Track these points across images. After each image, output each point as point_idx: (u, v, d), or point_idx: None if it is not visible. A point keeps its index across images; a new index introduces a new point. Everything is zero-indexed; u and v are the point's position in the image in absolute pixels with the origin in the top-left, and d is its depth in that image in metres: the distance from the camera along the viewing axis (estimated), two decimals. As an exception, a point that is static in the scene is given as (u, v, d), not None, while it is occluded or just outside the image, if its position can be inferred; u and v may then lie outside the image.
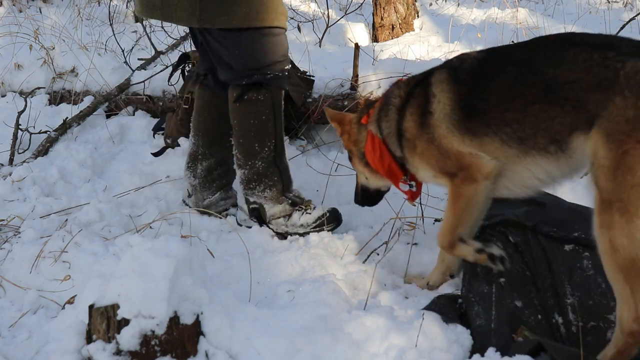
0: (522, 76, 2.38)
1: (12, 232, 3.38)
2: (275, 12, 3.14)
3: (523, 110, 2.37)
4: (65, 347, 2.13)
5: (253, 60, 3.19)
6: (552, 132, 2.32)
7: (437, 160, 2.60)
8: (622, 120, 2.10)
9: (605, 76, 2.16)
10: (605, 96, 2.15)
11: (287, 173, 3.40)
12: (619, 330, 2.16)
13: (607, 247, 2.13)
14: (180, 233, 3.27)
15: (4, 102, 5.50)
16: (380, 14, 7.58)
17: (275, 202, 3.34)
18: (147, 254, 2.11)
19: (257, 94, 3.22)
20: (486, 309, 2.44)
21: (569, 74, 2.25)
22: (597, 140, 2.17)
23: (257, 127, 3.25)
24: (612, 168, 2.12)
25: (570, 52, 2.28)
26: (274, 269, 2.93)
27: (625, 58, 2.16)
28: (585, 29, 6.78)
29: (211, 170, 3.54)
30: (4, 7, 9.74)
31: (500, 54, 2.57)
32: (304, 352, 2.16)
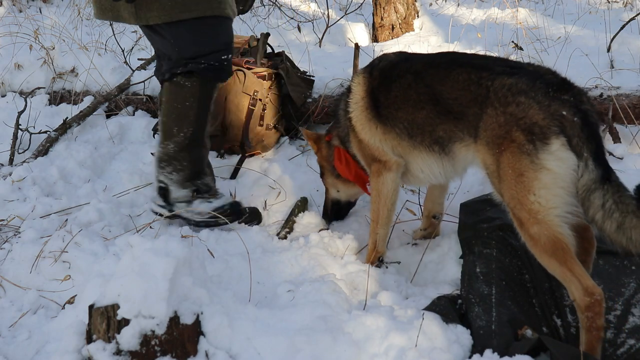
0: (415, 85, 2.76)
1: (12, 232, 3.38)
2: (209, 2, 3.18)
3: (412, 113, 2.76)
4: (65, 347, 2.13)
5: (187, 50, 3.26)
6: (435, 135, 2.70)
7: (360, 147, 3.02)
8: (496, 126, 2.43)
9: (479, 93, 2.52)
10: (480, 110, 2.50)
11: (199, 162, 3.44)
12: (579, 311, 2.27)
13: (529, 240, 2.37)
14: (180, 233, 3.27)
15: (4, 102, 5.50)
16: (380, 14, 7.57)
17: (180, 186, 3.39)
18: (147, 254, 2.11)
19: (185, 80, 3.29)
20: (486, 311, 2.45)
21: (452, 91, 2.62)
22: (483, 151, 2.50)
23: (179, 112, 3.32)
24: (498, 170, 2.43)
25: (454, 71, 2.64)
26: (274, 269, 2.93)
27: (494, 76, 2.51)
28: (585, 29, 6.78)
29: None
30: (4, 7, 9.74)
31: (407, 61, 2.91)
32: (304, 352, 2.16)
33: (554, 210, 2.31)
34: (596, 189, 2.27)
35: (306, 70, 4.89)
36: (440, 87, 2.66)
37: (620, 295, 2.48)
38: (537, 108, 2.37)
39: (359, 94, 2.99)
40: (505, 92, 2.45)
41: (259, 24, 8.40)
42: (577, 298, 2.28)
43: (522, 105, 2.40)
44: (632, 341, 2.32)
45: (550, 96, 2.39)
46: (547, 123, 2.34)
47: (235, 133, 4.33)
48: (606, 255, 2.62)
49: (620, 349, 2.31)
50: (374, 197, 2.99)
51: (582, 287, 2.26)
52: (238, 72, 4.35)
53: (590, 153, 2.29)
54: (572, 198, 2.32)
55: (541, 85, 2.43)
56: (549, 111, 2.36)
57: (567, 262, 2.30)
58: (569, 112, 2.34)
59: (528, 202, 2.33)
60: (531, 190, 2.33)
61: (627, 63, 5.29)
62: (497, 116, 2.43)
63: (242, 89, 4.32)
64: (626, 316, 2.39)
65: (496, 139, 2.43)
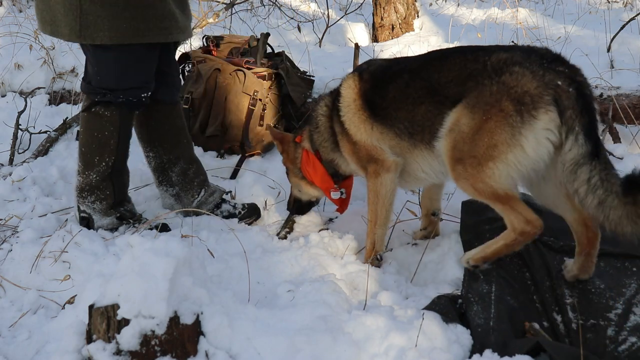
0: (412, 82, 2.78)
1: (11, 231, 3.38)
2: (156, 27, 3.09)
3: (412, 110, 2.77)
4: (65, 347, 2.13)
5: (108, 81, 3.18)
6: (434, 129, 2.68)
7: (354, 150, 3.01)
8: (488, 94, 2.48)
9: (475, 67, 2.57)
10: (475, 82, 2.54)
11: (122, 189, 3.42)
12: (511, 229, 2.54)
13: (472, 191, 2.56)
14: (180, 233, 3.27)
15: (4, 102, 5.50)
16: (380, 14, 7.57)
17: (104, 215, 3.37)
18: (147, 254, 2.10)
19: (104, 110, 3.23)
20: (485, 308, 2.45)
21: (448, 74, 2.66)
22: (461, 111, 2.56)
23: (99, 141, 3.26)
24: (470, 132, 2.51)
25: (450, 58, 2.71)
26: (274, 269, 2.93)
27: (490, 52, 2.59)
28: (585, 29, 6.78)
29: (185, 171, 3.55)
30: (4, 7, 9.74)
31: (400, 63, 2.96)
32: (304, 352, 2.16)
33: (502, 182, 2.48)
34: (584, 163, 2.32)
35: (306, 70, 4.89)
36: (437, 76, 2.69)
37: (621, 295, 2.49)
38: (531, 77, 2.41)
39: (350, 97, 2.99)
40: (502, 64, 2.50)
41: (259, 24, 8.41)
42: (516, 223, 2.52)
43: (516, 74, 2.44)
44: (633, 339, 2.33)
45: (545, 67, 2.42)
46: (539, 92, 2.38)
47: (235, 133, 4.33)
48: (607, 257, 2.63)
49: (621, 345, 2.32)
50: (372, 198, 2.99)
51: (524, 218, 2.50)
52: (238, 72, 4.35)
53: (582, 127, 2.32)
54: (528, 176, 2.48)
55: (535, 57, 2.47)
56: (543, 80, 2.39)
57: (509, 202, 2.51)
58: (564, 82, 2.37)
59: (486, 167, 2.47)
60: (495, 160, 2.45)
61: (627, 63, 5.29)
62: (491, 85, 2.49)
63: (242, 89, 4.32)
64: (627, 315, 2.40)
65: (484, 105, 2.48)
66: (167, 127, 3.50)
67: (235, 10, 7.43)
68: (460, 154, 2.55)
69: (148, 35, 3.08)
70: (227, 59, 4.55)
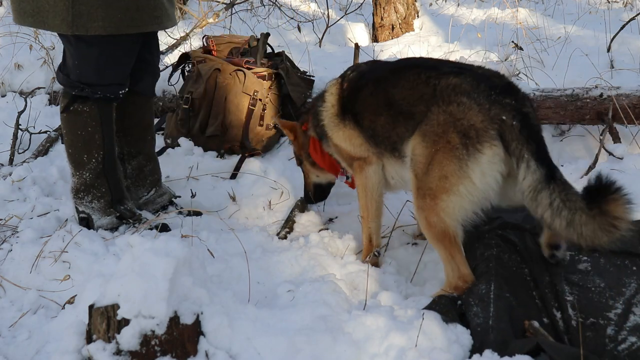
0: (375, 92, 2.84)
1: (10, 231, 3.38)
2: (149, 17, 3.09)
3: (374, 120, 2.83)
4: (65, 347, 2.13)
5: (86, 77, 3.16)
6: (391, 140, 2.76)
7: (338, 152, 3.08)
8: (436, 124, 2.53)
9: (426, 91, 2.61)
10: (425, 107, 2.59)
11: (118, 185, 3.39)
12: (447, 284, 2.62)
13: (425, 224, 2.60)
14: (180, 233, 3.27)
15: (4, 102, 5.50)
16: (380, 14, 7.57)
17: (103, 214, 3.36)
18: (147, 254, 2.10)
19: (83, 106, 3.21)
20: (484, 308, 2.45)
21: (402, 92, 2.71)
22: (416, 140, 2.61)
23: (84, 139, 3.25)
24: (425, 163, 2.56)
25: (406, 73, 2.74)
26: (274, 269, 2.93)
27: (441, 76, 2.60)
28: (585, 29, 6.78)
29: (142, 167, 3.56)
30: (4, 7, 9.73)
31: (373, 70, 3.00)
32: (304, 352, 2.16)
33: (456, 217, 2.53)
34: (542, 188, 2.33)
35: (306, 70, 4.89)
36: (393, 90, 2.75)
37: (621, 294, 2.49)
38: (477, 110, 2.45)
39: (329, 102, 3.07)
40: (450, 91, 2.53)
41: (259, 24, 8.41)
42: (450, 277, 2.59)
43: (463, 105, 2.47)
44: (633, 339, 2.33)
45: (492, 99, 2.44)
46: (485, 126, 2.42)
47: (235, 133, 4.33)
48: (607, 255, 2.62)
49: (621, 344, 2.32)
50: (361, 193, 3.02)
51: (460, 273, 2.57)
52: (238, 72, 4.35)
53: (532, 154, 2.35)
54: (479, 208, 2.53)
55: (485, 87, 2.49)
56: (488, 115, 2.43)
57: (452, 250, 2.56)
58: (508, 116, 2.41)
59: (440, 199, 2.52)
60: (447, 192, 2.50)
61: (627, 63, 5.29)
62: (439, 114, 2.53)
63: (242, 89, 4.32)
64: (627, 315, 2.40)
65: (433, 136, 2.53)
66: (135, 120, 3.50)
67: (235, 10, 7.43)
68: (420, 184, 2.60)
69: (142, 25, 3.08)
70: (227, 59, 4.55)
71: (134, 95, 3.39)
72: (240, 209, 3.70)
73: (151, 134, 3.57)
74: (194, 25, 6.31)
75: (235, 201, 3.77)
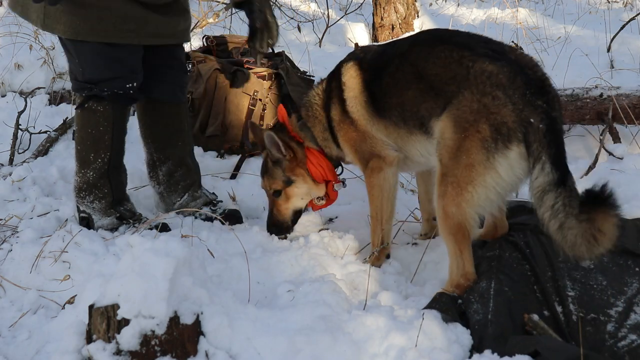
0: (402, 66, 2.79)
1: (10, 231, 3.38)
2: (114, 29, 3.11)
3: (401, 96, 2.78)
4: (65, 347, 2.13)
5: (90, 74, 3.19)
6: (419, 115, 2.73)
7: (357, 143, 2.98)
8: (468, 111, 2.52)
9: (459, 72, 2.59)
10: (457, 89, 2.56)
11: (120, 187, 3.41)
12: (449, 282, 2.61)
13: (442, 214, 2.58)
14: (180, 233, 3.27)
15: (4, 102, 5.50)
16: (380, 14, 7.57)
17: (103, 214, 3.37)
18: (147, 254, 2.10)
19: (97, 104, 3.24)
20: (484, 304, 2.46)
21: (433, 67, 2.68)
22: (446, 123, 2.58)
23: (93, 137, 3.27)
24: (454, 148, 2.53)
25: (437, 48, 2.70)
26: (274, 269, 2.93)
27: (476, 58, 2.58)
28: (585, 29, 6.79)
29: (172, 173, 3.56)
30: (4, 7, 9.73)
31: (392, 46, 2.96)
32: (304, 352, 2.16)
33: (478, 208, 2.53)
34: (550, 190, 2.37)
35: (306, 70, 4.89)
36: (424, 64, 2.71)
37: (622, 293, 2.50)
38: (511, 109, 2.46)
39: (357, 88, 2.94)
40: (485, 79, 2.52)
41: (259, 24, 8.38)
42: (454, 274, 2.59)
43: (498, 100, 2.47)
44: (633, 336, 2.34)
45: (526, 99, 2.46)
46: (515, 127, 2.45)
47: (235, 133, 4.33)
48: (610, 253, 2.62)
49: (621, 341, 2.33)
50: (376, 194, 2.98)
51: (464, 270, 2.57)
52: (238, 72, 4.35)
53: (549, 157, 2.40)
54: (502, 201, 2.60)
55: (520, 83, 2.48)
56: (520, 116, 2.45)
57: (462, 245, 2.56)
58: (537, 119, 2.43)
59: (465, 189, 2.50)
60: (473, 183, 2.49)
61: (627, 63, 5.30)
62: (472, 102, 2.51)
63: (242, 89, 4.32)
64: (628, 313, 2.41)
65: (464, 122, 2.52)
66: (161, 126, 3.51)
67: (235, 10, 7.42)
68: (445, 170, 2.58)
69: (105, 36, 3.10)
70: (227, 59, 4.55)
71: (154, 101, 3.43)
72: (241, 209, 3.69)
73: (181, 140, 3.54)
74: (194, 25, 6.30)
75: (235, 201, 3.77)
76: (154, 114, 3.49)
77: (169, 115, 3.50)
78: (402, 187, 3.72)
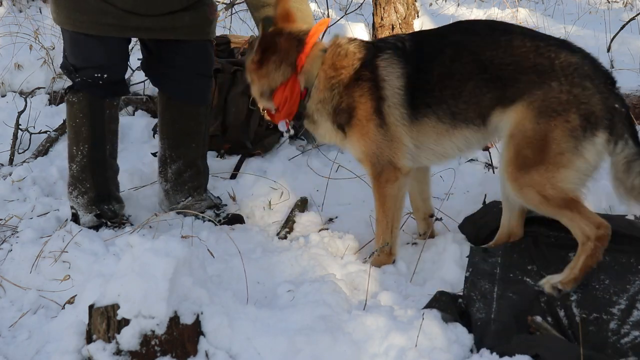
0: (459, 57, 2.71)
1: (10, 231, 3.38)
2: (89, 20, 3.13)
3: (459, 87, 2.70)
4: (65, 347, 2.13)
5: (71, 58, 3.28)
6: (480, 106, 2.68)
7: (377, 147, 2.83)
8: (556, 102, 2.54)
9: (540, 62, 2.59)
10: (540, 79, 2.57)
11: (104, 184, 3.39)
12: (585, 239, 2.55)
13: (539, 199, 2.58)
14: (181, 233, 3.27)
15: (4, 102, 5.50)
16: (380, 14, 7.57)
17: (86, 211, 3.36)
18: (147, 254, 2.11)
19: (73, 96, 3.29)
20: (487, 304, 2.47)
21: (505, 57, 2.64)
22: (524, 114, 2.59)
23: (74, 130, 3.31)
24: (537, 138, 2.55)
25: (503, 37, 2.68)
26: (274, 269, 2.93)
27: (555, 49, 2.61)
28: (585, 29, 6.78)
29: (181, 172, 3.54)
30: (4, 7, 9.73)
31: (436, 36, 2.86)
32: (304, 352, 2.16)
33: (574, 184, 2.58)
34: (635, 159, 2.54)
35: (306, 70, 4.88)
36: (491, 53, 2.66)
37: (625, 291, 2.51)
38: (599, 98, 2.55)
39: (399, 85, 2.77)
40: (572, 71, 2.57)
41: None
42: (588, 231, 2.54)
43: (588, 90, 2.55)
44: (636, 332, 2.35)
45: (609, 89, 2.59)
46: (602, 115, 2.55)
47: (235, 133, 4.33)
48: (613, 253, 2.63)
49: (624, 338, 2.34)
50: (389, 205, 2.90)
51: (593, 222, 2.55)
52: (238, 72, 4.35)
53: (630, 135, 2.56)
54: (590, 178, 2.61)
55: (600, 74, 2.61)
56: (606, 104, 2.56)
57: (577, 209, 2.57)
58: (620, 105, 2.58)
59: (557, 172, 2.54)
60: (565, 167, 2.54)
61: (627, 63, 5.29)
62: (561, 93, 2.55)
63: (242, 89, 4.31)
64: (631, 310, 2.43)
65: (551, 112, 2.54)
66: (176, 126, 3.49)
67: (235, 10, 7.43)
68: (525, 160, 2.58)
69: (79, 26, 3.15)
70: (227, 59, 4.55)
71: (172, 100, 3.45)
72: (241, 209, 3.69)
73: (195, 142, 3.52)
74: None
75: (236, 201, 3.77)
76: (171, 111, 3.48)
77: (186, 115, 3.48)
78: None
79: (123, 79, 3.42)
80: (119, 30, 3.15)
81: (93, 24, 3.12)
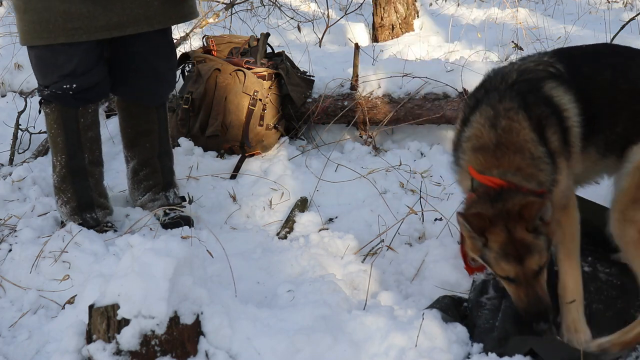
0: (616, 81, 2.46)
1: (9, 230, 3.38)
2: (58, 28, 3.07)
3: (616, 114, 2.44)
4: (65, 347, 2.13)
5: (39, 77, 3.27)
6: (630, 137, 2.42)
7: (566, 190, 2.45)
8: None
9: None
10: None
11: (85, 192, 3.35)
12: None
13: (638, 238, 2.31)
14: (181, 233, 3.27)
15: (4, 102, 5.50)
16: (380, 14, 7.57)
17: (69, 219, 3.35)
18: (147, 254, 2.11)
19: (46, 107, 3.27)
20: (493, 311, 2.46)
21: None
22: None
23: (52, 140, 3.31)
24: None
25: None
26: (274, 269, 2.93)
27: None
28: (585, 29, 6.79)
29: (137, 171, 3.59)
30: (4, 7, 9.73)
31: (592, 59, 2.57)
32: (304, 352, 2.17)
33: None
34: None
35: (306, 70, 4.88)
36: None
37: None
38: None
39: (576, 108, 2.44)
40: None
41: (259, 24, 8.40)
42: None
43: None
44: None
45: None
46: None
47: (235, 133, 4.33)
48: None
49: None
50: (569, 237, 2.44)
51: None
52: (238, 72, 4.36)
53: None
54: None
55: None
56: None
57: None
58: None
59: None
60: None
61: (627, 63, 5.28)
62: None
63: (242, 89, 4.32)
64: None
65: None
66: (129, 126, 3.55)
67: (235, 10, 7.43)
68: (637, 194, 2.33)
69: (48, 37, 3.09)
70: (227, 59, 4.55)
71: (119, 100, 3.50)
72: (241, 209, 3.69)
73: (149, 142, 3.54)
74: (193, 25, 6.30)
75: (236, 201, 3.77)
76: (123, 113, 3.55)
77: (136, 116, 3.52)
78: (402, 187, 3.72)
79: (99, 83, 3.28)
80: (87, 32, 3.10)
81: (60, 30, 3.07)
